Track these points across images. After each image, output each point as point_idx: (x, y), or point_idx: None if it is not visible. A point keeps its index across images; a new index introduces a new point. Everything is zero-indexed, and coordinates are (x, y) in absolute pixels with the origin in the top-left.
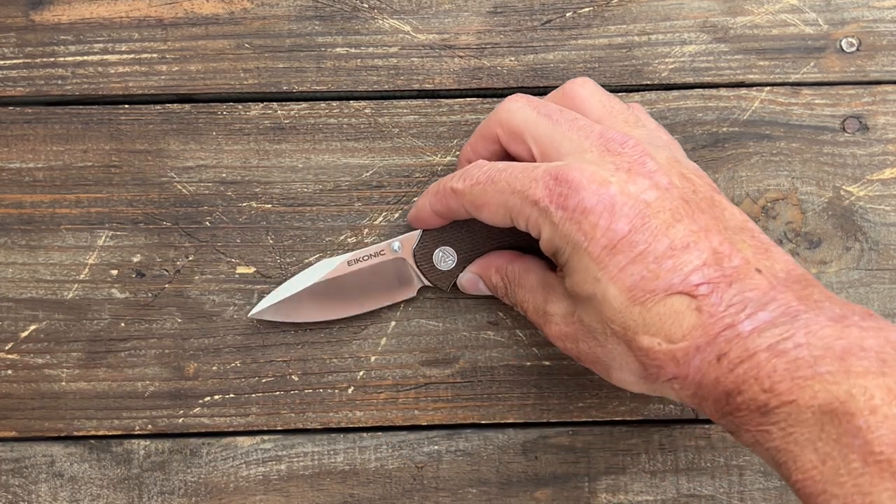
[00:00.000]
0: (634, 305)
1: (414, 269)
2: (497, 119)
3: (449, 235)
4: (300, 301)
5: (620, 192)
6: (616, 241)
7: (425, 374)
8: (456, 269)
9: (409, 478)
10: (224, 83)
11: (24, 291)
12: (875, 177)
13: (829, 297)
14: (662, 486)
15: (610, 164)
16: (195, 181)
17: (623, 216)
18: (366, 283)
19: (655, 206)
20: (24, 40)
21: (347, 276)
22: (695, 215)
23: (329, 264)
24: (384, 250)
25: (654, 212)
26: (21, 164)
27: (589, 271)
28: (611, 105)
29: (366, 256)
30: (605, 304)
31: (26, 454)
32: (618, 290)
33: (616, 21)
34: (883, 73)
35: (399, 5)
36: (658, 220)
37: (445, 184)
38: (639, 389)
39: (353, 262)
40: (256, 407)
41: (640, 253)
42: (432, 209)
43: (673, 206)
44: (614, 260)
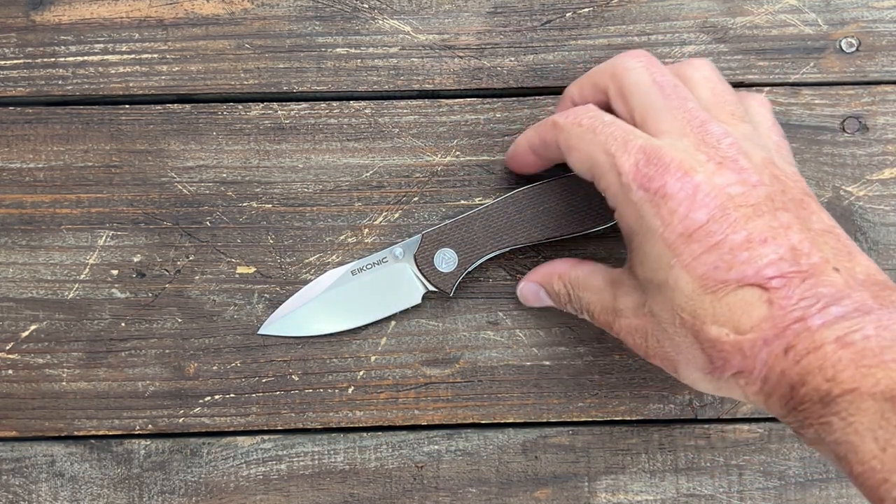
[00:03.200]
0: (706, 294)
1: (416, 274)
2: (611, 71)
3: (449, 237)
4: (307, 314)
5: (705, 181)
6: (693, 229)
7: (425, 374)
8: (457, 271)
9: (409, 477)
10: (224, 83)
11: (25, 291)
12: (875, 177)
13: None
14: (662, 486)
15: (702, 156)
16: (195, 181)
17: (703, 206)
18: (371, 292)
19: (738, 200)
20: (25, 40)
21: (352, 286)
22: (777, 213)
23: (333, 275)
24: (386, 257)
25: (736, 205)
26: (22, 164)
27: (662, 258)
28: (722, 95)
29: (369, 265)
30: (677, 292)
31: (27, 454)
32: (690, 278)
33: (616, 21)
34: (882, 74)
35: (399, 6)
36: (739, 213)
37: (550, 118)
38: (704, 387)
39: (356, 272)
40: (257, 407)
41: (715, 243)
42: (529, 143)
43: (756, 202)
44: (689, 248)
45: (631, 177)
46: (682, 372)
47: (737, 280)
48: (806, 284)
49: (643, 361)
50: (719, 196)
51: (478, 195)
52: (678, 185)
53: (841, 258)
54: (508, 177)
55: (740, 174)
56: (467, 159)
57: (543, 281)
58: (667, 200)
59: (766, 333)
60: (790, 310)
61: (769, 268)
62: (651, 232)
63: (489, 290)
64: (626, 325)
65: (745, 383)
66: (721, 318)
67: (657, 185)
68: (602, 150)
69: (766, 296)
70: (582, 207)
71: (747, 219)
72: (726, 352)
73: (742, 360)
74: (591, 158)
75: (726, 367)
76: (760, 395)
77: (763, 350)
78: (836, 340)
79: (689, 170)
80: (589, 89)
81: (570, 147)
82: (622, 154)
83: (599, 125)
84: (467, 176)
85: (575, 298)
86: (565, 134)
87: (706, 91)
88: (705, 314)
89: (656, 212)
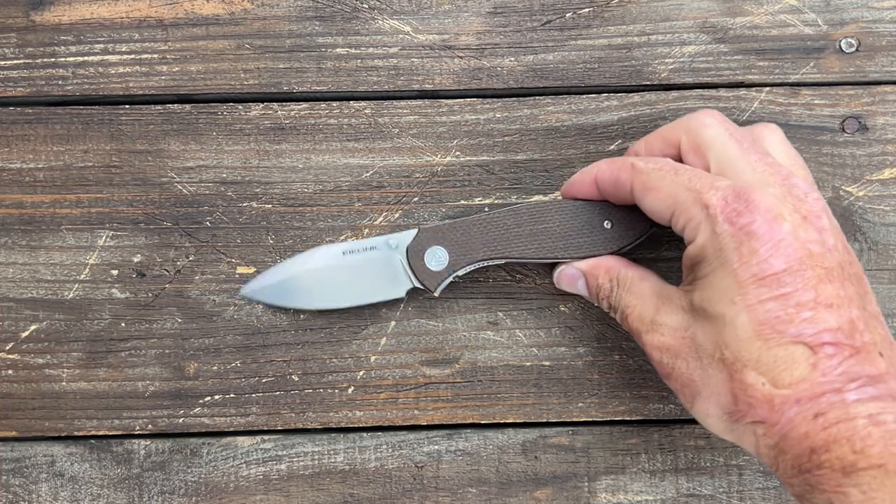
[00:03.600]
0: (757, 340)
1: (405, 267)
2: (686, 126)
3: (444, 237)
4: (291, 285)
5: (791, 232)
6: (767, 273)
7: (425, 374)
8: (445, 272)
9: (409, 477)
10: (224, 83)
11: (25, 291)
12: (874, 177)
13: None
14: (662, 486)
15: (790, 205)
16: (195, 181)
17: (784, 255)
18: (357, 276)
19: (816, 259)
20: (25, 41)
21: (341, 266)
22: (845, 283)
23: (324, 252)
24: (379, 245)
25: (813, 264)
26: (22, 165)
27: (728, 292)
28: (795, 158)
29: (361, 249)
30: (729, 329)
31: (27, 454)
32: (748, 320)
33: (616, 22)
34: (882, 74)
35: (399, 6)
36: (813, 272)
37: (627, 160)
38: (715, 425)
39: (347, 253)
40: (256, 407)
41: (784, 294)
42: (598, 175)
43: (830, 266)
44: (757, 291)
45: (719, 209)
46: (699, 404)
47: (793, 336)
48: (853, 360)
49: (643, 362)
50: (800, 250)
51: (477, 195)
52: (765, 227)
53: (885, 345)
54: (508, 177)
55: (821, 234)
56: (467, 159)
57: (588, 271)
58: (750, 239)
59: (801, 394)
60: (831, 379)
61: (827, 333)
62: (725, 265)
63: (489, 291)
64: (659, 342)
65: (762, 433)
66: (763, 366)
67: (745, 221)
68: (686, 187)
69: (814, 359)
70: (580, 234)
71: (819, 280)
72: (755, 399)
73: (768, 412)
74: (672, 196)
75: (749, 413)
76: (773, 450)
77: (793, 408)
78: (868, 417)
79: (779, 216)
80: (658, 143)
81: (646, 188)
82: (709, 190)
83: (682, 169)
84: (467, 176)
85: (616, 296)
86: (644, 175)
87: (781, 153)
88: (749, 358)
89: (736, 247)
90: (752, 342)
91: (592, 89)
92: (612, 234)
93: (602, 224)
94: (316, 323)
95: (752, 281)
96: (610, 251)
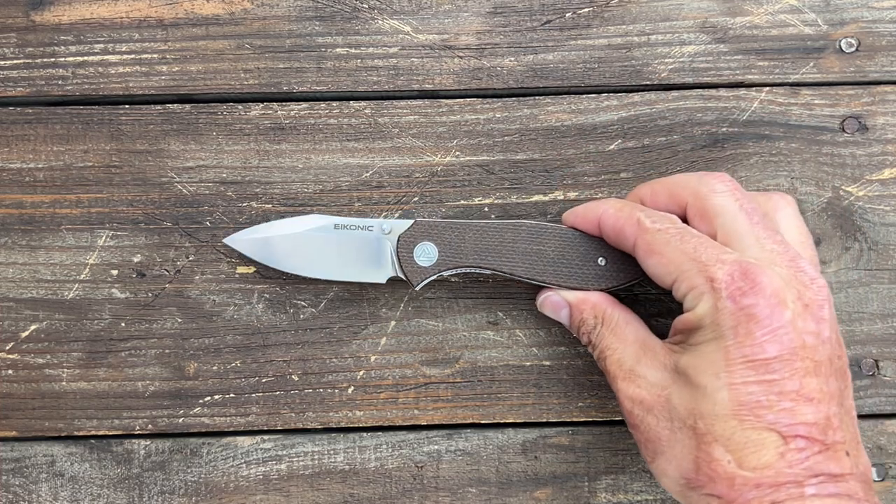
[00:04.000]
0: (733, 419)
1: (392, 255)
2: (694, 189)
3: (438, 234)
4: (276, 245)
5: (791, 321)
6: (758, 358)
7: (425, 374)
8: (431, 270)
9: (409, 477)
10: (224, 83)
11: (25, 291)
12: (874, 177)
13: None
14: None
15: (794, 291)
16: (195, 181)
17: (779, 343)
18: (343, 251)
19: (809, 351)
20: (25, 41)
21: (329, 238)
22: (829, 379)
23: (317, 220)
24: (373, 226)
25: (804, 356)
26: (22, 165)
27: (715, 366)
28: (806, 238)
29: (354, 226)
30: (707, 402)
31: (27, 454)
32: (728, 398)
33: (615, 21)
34: (882, 74)
35: (399, 6)
36: (802, 364)
37: (634, 212)
38: (670, 486)
39: (339, 227)
40: (256, 407)
41: (770, 380)
42: (603, 217)
43: (819, 360)
44: (744, 372)
45: (723, 285)
46: (660, 462)
47: (769, 422)
48: (820, 456)
49: None
50: (796, 339)
51: (477, 195)
52: (767, 312)
53: (853, 445)
54: (508, 177)
55: (818, 324)
56: (467, 159)
57: (575, 304)
58: (749, 321)
59: (763, 479)
60: (796, 471)
61: (802, 427)
62: (719, 340)
63: (489, 291)
64: (634, 393)
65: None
66: (732, 445)
67: (748, 302)
68: (691, 257)
69: (783, 448)
70: (573, 264)
71: (806, 372)
72: (717, 474)
73: (727, 489)
74: (676, 264)
75: (708, 486)
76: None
77: (752, 492)
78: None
79: (782, 302)
80: (663, 197)
81: (650, 251)
82: (714, 263)
83: (687, 235)
84: (467, 176)
85: (598, 335)
86: (649, 237)
87: (794, 229)
88: (720, 435)
89: (734, 326)
90: (727, 420)
91: (592, 89)
92: (604, 271)
93: (596, 259)
94: (316, 323)
95: (741, 361)
96: (599, 288)
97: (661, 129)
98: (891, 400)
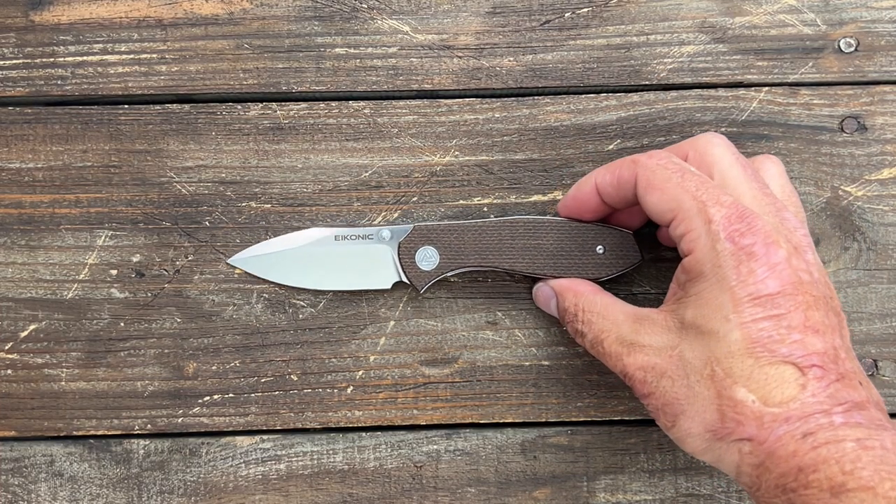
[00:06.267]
0: (749, 357)
1: (395, 262)
2: (694, 144)
3: (438, 237)
4: (280, 261)
5: (786, 259)
6: (763, 294)
7: (424, 374)
8: (434, 273)
9: (408, 477)
10: (223, 83)
11: (24, 291)
12: (873, 177)
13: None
14: (661, 486)
15: (783, 235)
16: (195, 181)
17: (779, 278)
18: (346, 262)
19: (805, 287)
20: (24, 40)
21: (331, 250)
22: (829, 314)
23: (318, 234)
24: (373, 235)
25: (803, 290)
26: (21, 164)
27: (723, 309)
28: (791, 195)
29: (354, 236)
30: (721, 345)
31: (26, 454)
32: (741, 337)
33: (614, 21)
34: (881, 74)
35: (398, 6)
36: (804, 297)
37: (626, 158)
38: (695, 444)
39: (340, 238)
40: (256, 407)
41: (777, 315)
42: (598, 182)
43: (816, 296)
44: (752, 309)
45: (721, 226)
46: (682, 423)
47: (783, 356)
48: (839, 384)
49: None
50: (793, 276)
51: (476, 195)
52: (764, 250)
53: (862, 377)
54: (507, 177)
55: (808, 266)
56: (466, 159)
57: (559, 291)
58: (750, 259)
59: (791, 413)
60: (820, 400)
61: (815, 356)
62: (722, 282)
63: (488, 290)
64: (644, 361)
65: (748, 451)
66: (754, 384)
67: (747, 242)
68: (691, 195)
69: (803, 380)
70: (572, 255)
71: (808, 306)
72: (744, 416)
73: (757, 430)
74: (675, 201)
75: (736, 431)
76: (756, 469)
77: (782, 427)
78: (856, 441)
79: (776, 241)
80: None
81: (651, 186)
82: (713, 204)
83: (688, 172)
84: (466, 176)
85: (585, 322)
86: (648, 172)
87: (777, 186)
88: (739, 375)
89: (735, 266)
90: (744, 359)
91: (591, 89)
92: (603, 259)
93: (595, 248)
94: (315, 323)
95: (748, 300)
96: (599, 277)
97: (660, 129)
98: (890, 400)
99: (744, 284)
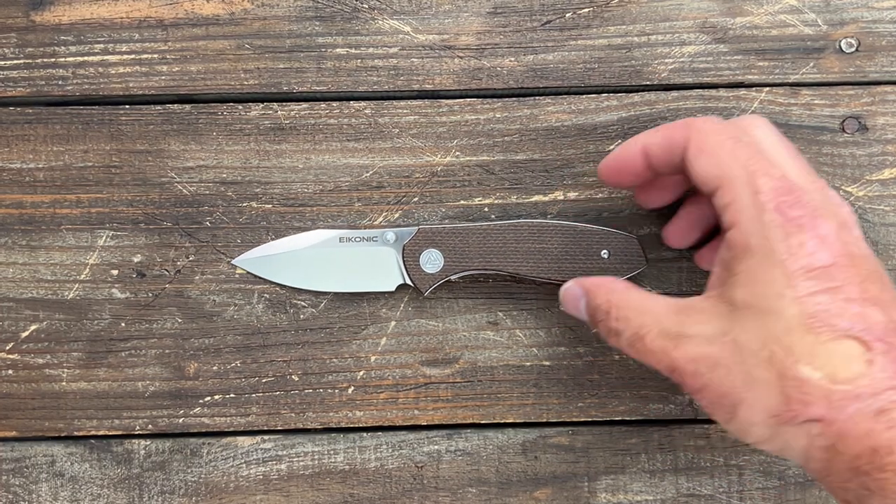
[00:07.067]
0: (809, 333)
1: (399, 264)
2: (739, 122)
3: (442, 240)
4: (284, 262)
5: (835, 232)
6: (816, 266)
7: (425, 374)
8: (438, 275)
9: (409, 477)
10: (224, 84)
11: (25, 291)
12: (874, 177)
13: None
14: (662, 486)
15: (830, 210)
16: (195, 181)
17: (830, 250)
18: (350, 264)
19: (857, 260)
20: (25, 41)
21: (335, 252)
22: (884, 288)
23: (322, 235)
24: (377, 237)
25: (856, 263)
26: (22, 165)
27: (775, 285)
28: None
29: (358, 238)
30: (780, 323)
31: (27, 454)
32: (798, 312)
33: (615, 22)
34: (882, 74)
35: (399, 6)
36: (858, 269)
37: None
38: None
39: (344, 240)
40: (256, 407)
41: (834, 287)
42: (645, 143)
43: (869, 270)
44: (807, 283)
45: (769, 197)
46: (742, 413)
47: (844, 329)
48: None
49: None
50: (844, 248)
51: (477, 195)
52: (813, 223)
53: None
54: (508, 177)
55: (856, 241)
56: (467, 159)
57: (589, 288)
58: (800, 231)
59: (861, 389)
60: (889, 375)
61: (878, 329)
62: (771, 256)
63: (489, 291)
64: (695, 353)
65: (817, 433)
66: (817, 361)
67: (795, 214)
68: (741, 164)
69: (869, 355)
70: (577, 259)
71: (863, 278)
72: (811, 395)
73: (826, 409)
74: (723, 167)
75: (804, 412)
76: (827, 453)
77: (853, 405)
78: None
79: (825, 214)
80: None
81: (702, 150)
82: (763, 175)
83: (740, 141)
84: (467, 176)
85: (620, 319)
86: (702, 136)
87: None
88: (801, 352)
89: (785, 238)
90: (803, 336)
91: (592, 89)
92: (608, 263)
93: (600, 252)
94: (316, 323)
95: (801, 273)
96: None
97: None
98: None
99: (795, 257)
